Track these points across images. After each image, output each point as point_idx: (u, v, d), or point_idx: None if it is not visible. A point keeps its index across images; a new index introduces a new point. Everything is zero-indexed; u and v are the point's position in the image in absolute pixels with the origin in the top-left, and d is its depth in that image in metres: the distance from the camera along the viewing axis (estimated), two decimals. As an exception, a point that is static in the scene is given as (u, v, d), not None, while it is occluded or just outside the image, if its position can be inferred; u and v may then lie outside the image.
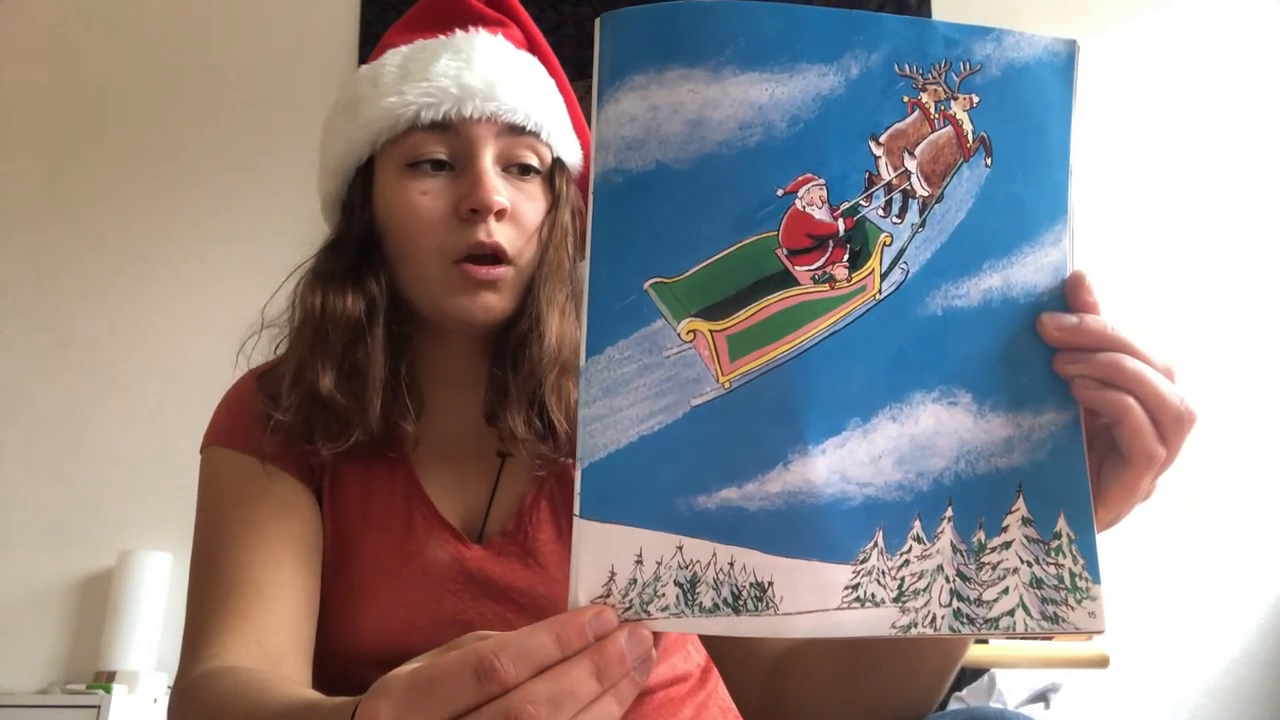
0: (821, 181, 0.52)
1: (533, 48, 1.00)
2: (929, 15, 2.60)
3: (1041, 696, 1.70)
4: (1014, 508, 0.53)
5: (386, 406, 0.88)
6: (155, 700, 2.16)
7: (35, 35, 2.84)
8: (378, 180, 0.92)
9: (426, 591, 0.86)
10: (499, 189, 0.87)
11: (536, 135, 0.91)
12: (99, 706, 2.04)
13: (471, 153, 0.88)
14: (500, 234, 0.87)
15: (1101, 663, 1.77)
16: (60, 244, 2.67)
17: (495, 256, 0.88)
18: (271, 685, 0.67)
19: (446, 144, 0.89)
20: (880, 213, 0.53)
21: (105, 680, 2.18)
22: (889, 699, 0.78)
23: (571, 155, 0.96)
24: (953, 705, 1.68)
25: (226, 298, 2.11)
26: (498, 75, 0.90)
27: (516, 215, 0.89)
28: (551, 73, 0.98)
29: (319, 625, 0.85)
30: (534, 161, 0.91)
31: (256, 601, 0.79)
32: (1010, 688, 1.72)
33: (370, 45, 2.02)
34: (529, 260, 0.90)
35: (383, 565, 0.87)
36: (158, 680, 2.21)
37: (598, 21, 0.52)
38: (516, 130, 0.90)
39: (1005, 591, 0.52)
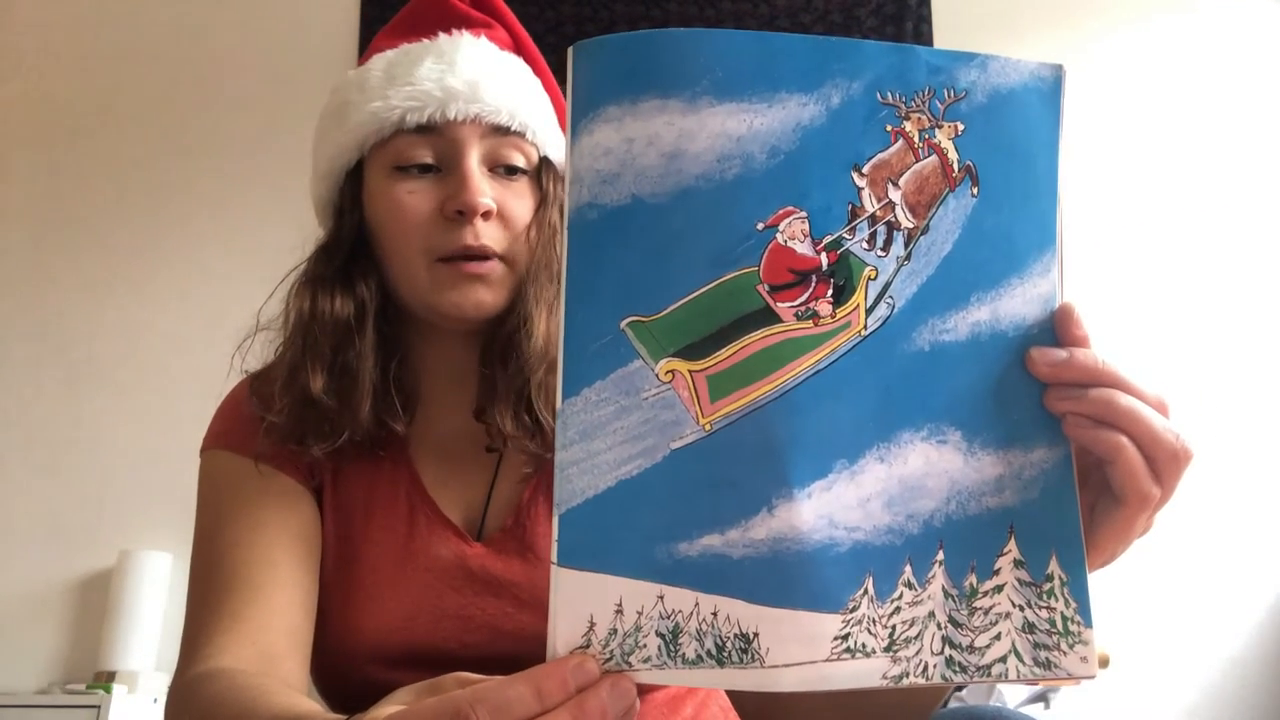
0: (803, 214, 0.50)
1: (518, 48, 0.99)
2: (928, 15, 2.56)
3: (1041, 696, 1.69)
4: (1005, 549, 0.51)
5: (378, 407, 0.89)
6: (155, 700, 2.17)
7: (35, 36, 2.82)
8: (366, 183, 0.92)
9: (429, 588, 0.86)
10: (484, 190, 0.87)
11: (522, 135, 0.91)
12: (99, 706, 2.05)
13: (457, 154, 0.89)
14: (487, 235, 0.87)
15: (1101, 663, 1.76)
16: (60, 245, 2.66)
17: (483, 255, 0.88)
18: (263, 693, 0.67)
19: (432, 146, 0.89)
20: (864, 245, 0.50)
21: (105, 680, 2.18)
22: (886, 714, 0.78)
23: (559, 154, 0.95)
24: (953, 705, 1.66)
25: (226, 298, 2.09)
26: (481, 77, 0.90)
27: (504, 215, 0.89)
28: (538, 72, 0.98)
29: (321, 623, 0.86)
30: (520, 162, 0.91)
31: (252, 601, 0.80)
32: (1010, 687, 1.71)
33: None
34: (519, 258, 0.90)
35: (386, 563, 0.87)
36: (158, 680, 2.21)
37: (570, 50, 0.50)
38: (502, 131, 0.90)
39: (997, 637, 0.50)
